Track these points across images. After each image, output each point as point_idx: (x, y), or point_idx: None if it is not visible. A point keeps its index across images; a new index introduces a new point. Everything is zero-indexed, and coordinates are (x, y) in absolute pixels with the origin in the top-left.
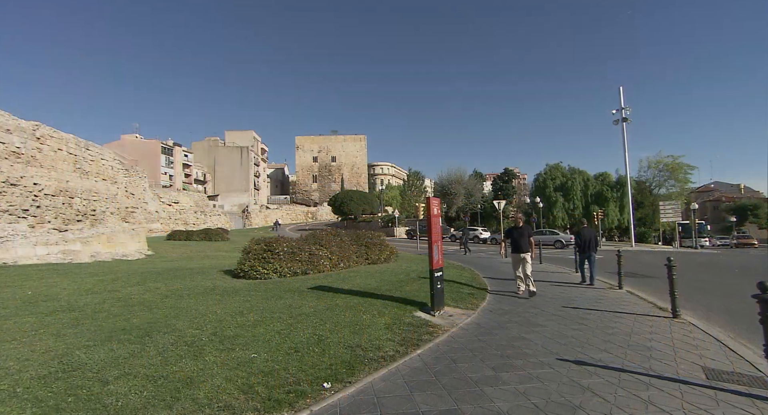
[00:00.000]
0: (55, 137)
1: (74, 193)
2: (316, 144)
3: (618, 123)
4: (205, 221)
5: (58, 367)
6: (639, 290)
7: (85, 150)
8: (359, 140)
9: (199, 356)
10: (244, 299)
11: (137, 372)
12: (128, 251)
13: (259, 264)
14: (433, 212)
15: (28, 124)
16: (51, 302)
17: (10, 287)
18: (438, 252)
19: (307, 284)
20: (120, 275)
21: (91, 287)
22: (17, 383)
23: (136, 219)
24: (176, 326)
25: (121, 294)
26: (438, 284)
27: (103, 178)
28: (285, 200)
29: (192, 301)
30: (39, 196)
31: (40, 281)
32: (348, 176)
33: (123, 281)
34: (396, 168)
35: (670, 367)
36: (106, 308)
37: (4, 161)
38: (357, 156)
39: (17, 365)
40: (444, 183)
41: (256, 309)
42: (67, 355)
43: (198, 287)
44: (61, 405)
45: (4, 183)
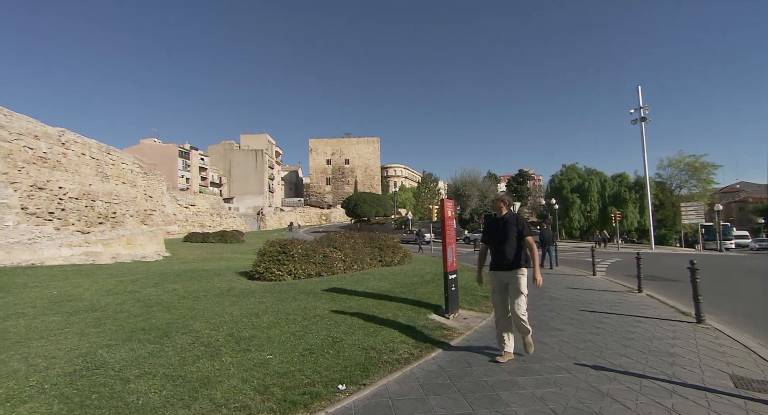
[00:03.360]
0: (79, 142)
1: (96, 196)
2: (329, 147)
3: (636, 123)
4: (220, 224)
5: (82, 365)
6: (660, 293)
7: (107, 154)
8: (372, 143)
9: (216, 357)
10: (259, 300)
11: (156, 371)
12: (147, 253)
13: (274, 266)
14: (447, 213)
15: (54, 131)
16: (75, 301)
17: (38, 287)
18: (452, 254)
19: (321, 286)
20: (139, 276)
21: (112, 287)
22: (45, 379)
23: (155, 221)
24: (193, 326)
25: (141, 295)
26: (452, 286)
27: (123, 182)
28: (299, 202)
29: (209, 302)
30: (64, 199)
31: (64, 282)
32: (361, 179)
33: (142, 282)
34: (409, 170)
35: (694, 374)
36: (127, 308)
37: (32, 166)
38: (370, 158)
39: (45, 363)
40: (458, 185)
41: (271, 311)
42: (91, 353)
43: (214, 289)
44: (85, 402)
45: (32, 187)
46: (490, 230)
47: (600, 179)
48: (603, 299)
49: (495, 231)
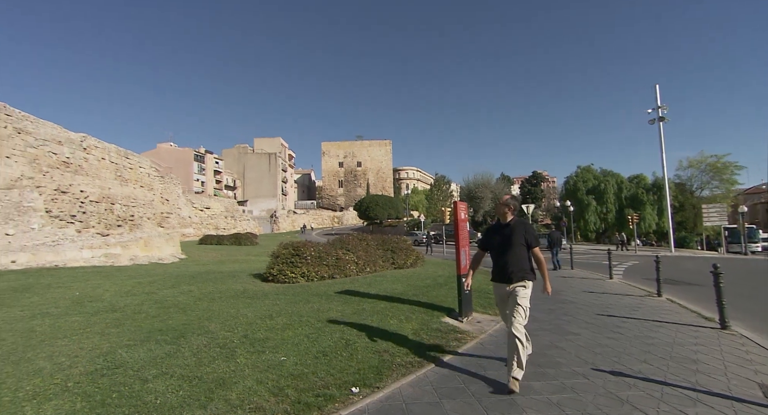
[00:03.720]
0: (99, 147)
1: (115, 199)
2: (341, 150)
3: (654, 122)
4: (235, 226)
5: (103, 364)
6: (681, 298)
7: (125, 159)
8: (384, 145)
9: (231, 358)
10: (273, 302)
11: (174, 372)
12: (164, 255)
13: (288, 268)
14: (460, 216)
15: (76, 136)
16: (96, 302)
17: (61, 288)
18: (465, 257)
19: (334, 289)
20: (156, 278)
21: (131, 288)
22: (69, 378)
23: (171, 224)
24: (209, 328)
25: (158, 296)
26: (466, 289)
27: (140, 186)
28: (312, 205)
29: (224, 304)
30: (85, 202)
31: (86, 283)
32: (373, 181)
33: (159, 284)
34: (421, 172)
35: (720, 382)
36: (145, 309)
37: (56, 171)
38: (382, 161)
39: (68, 361)
40: (470, 187)
41: (285, 313)
42: (111, 353)
43: (229, 290)
44: (106, 400)
45: (55, 191)
46: (491, 236)
47: (616, 181)
48: (621, 303)
49: (498, 239)
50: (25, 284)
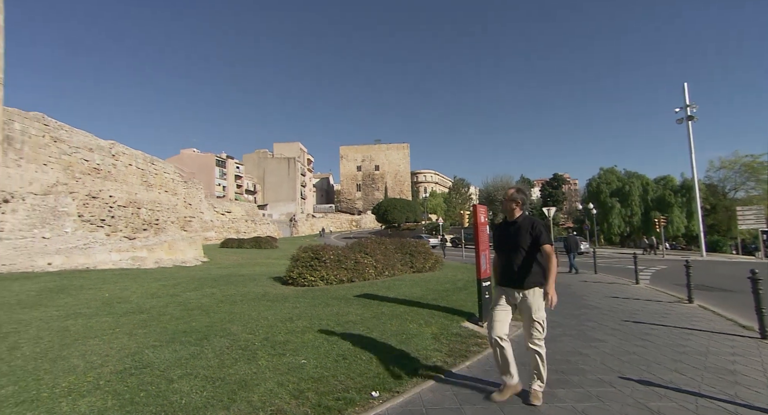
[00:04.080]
0: (127, 154)
1: (141, 204)
2: (359, 153)
3: (682, 122)
4: (255, 230)
5: (131, 364)
6: (714, 305)
7: (151, 165)
8: (402, 149)
9: (253, 360)
10: (293, 305)
11: (197, 373)
12: (187, 258)
13: (307, 271)
14: (480, 219)
15: (106, 143)
16: (124, 304)
17: (92, 289)
18: (486, 261)
19: (353, 292)
20: (180, 280)
21: (156, 291)
22: (100, 376)
23: (193, 228)
24: (231, 330)
25: (182, 298)
26: (486, 293)
27: (165, 190)
28: (330, 209)
29: (245, 306)
30: (113, 207)
31: (114, 285)
32: (391, 185)
33: (183, 286)
34: (440, 175)
35: (761, 396)
36: (169, 311)
37: (87, 177)
38: (400, 164)
39: (100, 360)
40: (489, 190)
41: (305, 316)
42: (138, 353)
43: (250, 293)
44: (135, 399)
45: (87, 196)
46: (499, 235)
47: (642, 182)
48: (648, 309)
49: (505, 238)
50: (60, 285)
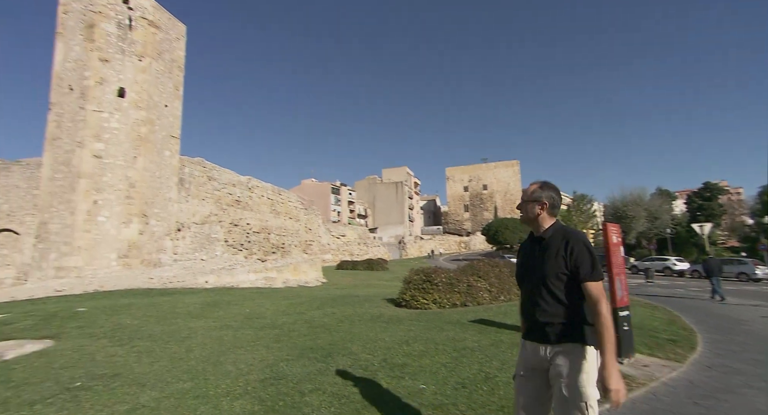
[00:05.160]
0: (260, 187)
1: (271, 230)
2: (466, 174)
3: None
4: (367, 252)
5: (270, 374)
6: None
7: (278, 195)
8: (511, 166)
9: (374, 381)
10: (407, 328)
11: (325, 389)
12: (309, 279)
13: (419, 294)
14: (611, 239)
15: (244, 179)
16: (260, 319)
17: (236, 305)
18: (621, 287)
19: (467, 317)
20: (304, 299)
21: (285, 308)
22: (247, 382)
23: (313, 250)
24: (352, 349)
25: (307, 317)
26: (624, 325)
27: (289, 217)
28: (438, 230)
29: (363, 327)
30: (250, 233)
31: (252, 301)
32: (501, 204)
33: (307, 305)
34: None
35: None
36: (297, 328)
37: (231, 208)
38: (510, 182)
39: (246, 368)
40: (617, 205)
41: (420, 339)
42: (275, 365)
43: (366, 314)
44: (275, 407)
45: (230, 224)
46: (521, 261)
47: None
48: None
49: (528, 263)
50: (214, 300)
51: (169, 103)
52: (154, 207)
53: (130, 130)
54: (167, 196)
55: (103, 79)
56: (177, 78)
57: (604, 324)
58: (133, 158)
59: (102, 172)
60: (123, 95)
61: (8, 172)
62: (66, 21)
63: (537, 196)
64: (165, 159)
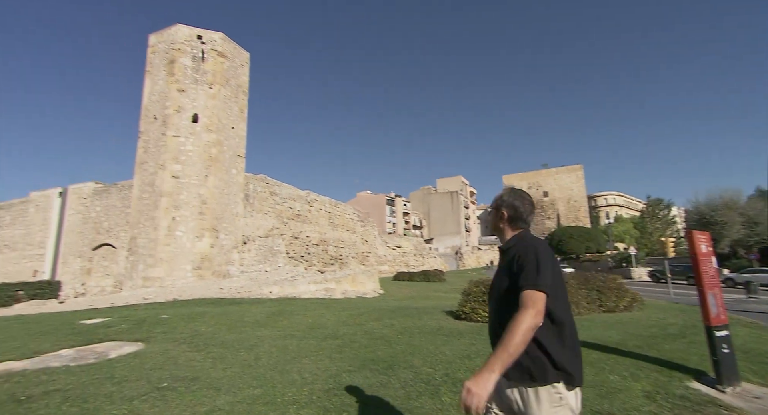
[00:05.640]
0: (318, 200)
1: (329, 242)
2: (524, 181)
3: None
4: (423, 263)
5: (333, 384)
6: None
7: (335, 208)
8: (574, 171)
9: (436, 396)
10: (469, 342)
11: (387, 402)
12: (366, 290)
13: (480, 307)
14: (699, 249)
15: (303, 193)
16: (322, 329)
17: (299, 315)
18: (716, 303)
19: None
20: (363, 310)
21: (345, 319)
22: (312, 392)
23: (370, 262)
24: (412, 362)
25: (366, 328)
26: (723, 346)
27: (346, 229)
28: (496, 241)
29: (422, 339)
30: (309, 245)
31: (314, 312)
32: (564, 211)
33: (366, 316)
34: (625, 197)
35: None
36: (358, 339)
37: (291, 221)
38: (573, 188)
39: (311, 377)
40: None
41: (483, 354)
42: (338, 376)
43: (425, 326)
44: None
45: (291, 236)
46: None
47: None
48: None
49: (495, 277)
50: (278, 310)
51: (235, 124)
52: (223, 222)
53: (202, 151)
54: (234, 211)
55: (180, 107)
56: (242, 101)
57: (511, 328)
58: (204, 177)
59: (179, 190)
60: (196, 120)
61: (108, 193)
62: (153, 60)
63: (498, 205)
64: (232, 177)
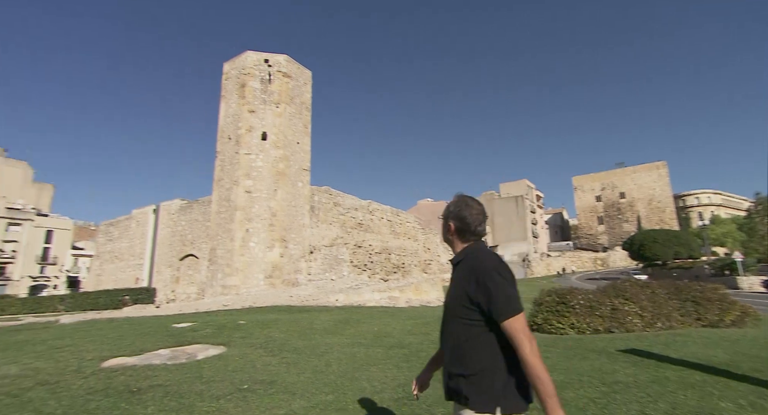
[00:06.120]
0: (379, 209)
1: (391, 250)
2: (597, 182)
3: None
4: None
5: (402, 394)
6: None
7: (396, 216)
8: (656, 168)
9: None
10: (543, 354)
11: None
12: (430, 299)
13: (553, 317)
14: None
15: (365, 203)
16: (388, 338)
17: (365, 323)
18: None
19: (614, 345)
20: (429, 319)
21: (411, 328)
22: (381, 400)
23: (432, 270)
24: None
25: (433, 337)
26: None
27: (408, 238)
28: (567, 247)
29: None
30: (372, 254)
31: (379, 320)
32: (645, 213)
33: (432, 325)
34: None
35: None
36: (425, 348)
37: (354, 230)
38: (654, 188)
39: (379, 386)
40: None
41: (559, 368)
42: (406, 385)
43: None
44: None
45: (354, 245)
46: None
47: None
48: None
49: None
50: (345, 318)
51: (300, 140)
52: (291, 232)
53: (270, 167)
54: (301, 222)
55: (251, 127)
56: (306, 117)
57: (533, 374)
58: (273, 191)
59: (251, 204)
60: (265, 138)
61: (191, 209)
62: (226, 85)
63: (445, 216)
64: (298, 189)
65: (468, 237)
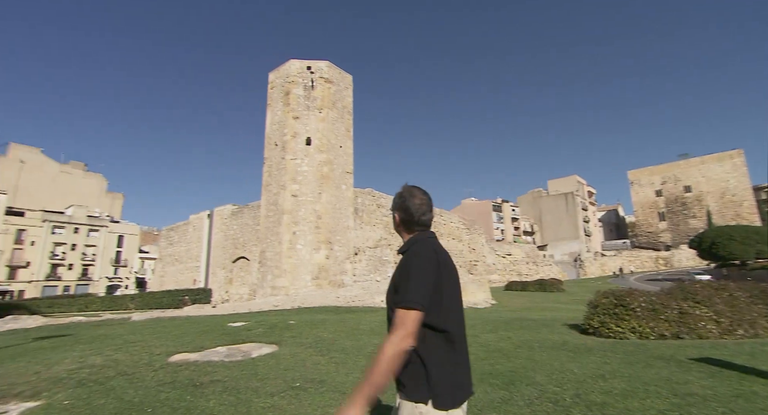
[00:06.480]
0: None
1: None
2: (657, 175)
3: None
4: (537, 272)
5: None
6: None
7: (440, 216)
8: (729, 158)
9: None
10: (601, 360)
11: None
12: (477, 300)
13: (611, 320)
14: None
15: None
16: None
17: None
18: None
19: (684, 353)
20: (476, 322)
21: None
22: None
23: (478, 271)
24: (535, 379)
25: (481, 340)
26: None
27: (452, 238)
28: (623, 245)
29: (544, 354)
30: None
31: None
32: (716, 208)
33: (480, 328)
34: None
35: None
36: (473, 351)
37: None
38: (728, 180)
39: None
40: None
41: (621, 375)
42: None
43: (546, 340)
44: None
45: (398, 246)
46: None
47: None
48: None
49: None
50: None
51: (342, 143)
52: (336, 235)
53: (315, 171)
54: (345, 224)
55: (296, 133)
56: (348, 121)
57: (376, 357)
58: (318, 194)
59: (298, 208)
60: (309, 143)
61: (241, 214)
62: (272, 94)
63: (392, 208)
64: (342, 192)
65: (413, 227)
